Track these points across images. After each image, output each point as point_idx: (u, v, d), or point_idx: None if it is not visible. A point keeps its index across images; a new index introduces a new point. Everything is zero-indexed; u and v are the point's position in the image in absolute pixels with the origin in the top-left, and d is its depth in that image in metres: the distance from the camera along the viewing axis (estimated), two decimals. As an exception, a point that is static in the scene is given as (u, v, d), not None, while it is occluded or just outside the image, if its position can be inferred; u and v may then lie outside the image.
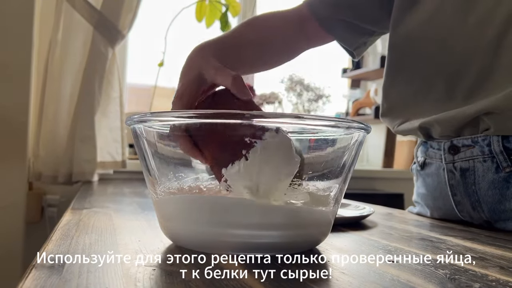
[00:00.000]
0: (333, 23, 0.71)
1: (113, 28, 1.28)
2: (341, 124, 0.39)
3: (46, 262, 0.33)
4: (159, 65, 1.53)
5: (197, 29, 1.59)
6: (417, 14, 0.65)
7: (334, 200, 0.42)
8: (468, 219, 0.65)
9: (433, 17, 0.64)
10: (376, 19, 0.72)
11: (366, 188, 1.88)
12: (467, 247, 0.46)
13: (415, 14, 0.66)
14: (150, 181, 0.43)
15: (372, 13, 0.71)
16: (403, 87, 0.69)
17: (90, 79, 1.26)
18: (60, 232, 0.46)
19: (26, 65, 1.22)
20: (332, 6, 0.70)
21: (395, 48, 0.70)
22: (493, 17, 0.58)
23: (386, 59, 0.72)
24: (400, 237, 0.51)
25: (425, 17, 0.65)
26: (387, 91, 0.72)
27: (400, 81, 0.69)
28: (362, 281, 0.32)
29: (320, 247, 0.43)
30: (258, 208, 0.37)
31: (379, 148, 2.09)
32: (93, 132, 1.25)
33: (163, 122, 0.40)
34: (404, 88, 0.69)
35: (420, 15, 0.65)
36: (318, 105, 2.13)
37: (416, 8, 0.66)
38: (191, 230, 0.39)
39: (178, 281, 0.30)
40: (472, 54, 0.60)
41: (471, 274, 0.34)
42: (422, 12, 0.65)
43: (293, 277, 0.32)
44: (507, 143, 0.58)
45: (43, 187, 1.36)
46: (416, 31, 0.66)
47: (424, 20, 0.65)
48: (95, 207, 0.68)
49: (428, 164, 0.69)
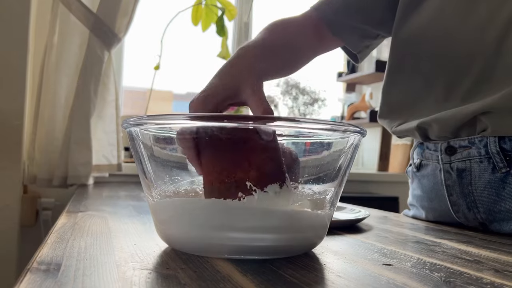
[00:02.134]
0: (341, 27, 0.71)
1: (109, 31, 1.28)
2: (337, 128, 0.39)
3: (41, 265, 0.33)
4: (155, 68, 1.53)
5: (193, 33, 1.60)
6: (420, 16, 0.66)
7: (330, 203, 0.42)
8: (463, 220, 0.65)
9: (435, 19, 0.65)
10: (382, 21, 0.72)
11: (361, 191, 1.88)
12: (462, 250, 0.47)
13: (417, 15, 0.66)
14: (146, 184, 0.42)
15: (381, 15, 0.72)
16: (403, 87, 0.70)
17: (86, 82, 1.26)
18: (56, 235, 0.45)
19: (22, 67, 1.22)
20: (341, 11, 0.70)
21: (397, 49, 0.71)
22: (494, 19, 0.59)
23: (388, 60, 0.73)
24: (396, 240, 0.51)
25: (427, 19, 0.65)
26: (387, 92, 0.72)
27: (401, 82, 0.70)
28: (357, 284, 0.32)
29: (316, 250, 0.43)
30: (254, 211, 0.37)
31: (374, 151, 2.10)
32: (89, 135, 1.25)
33: (159, 125, 0.40)
34: (404, 89, 0.69)
35: (423, 17, 0.66)
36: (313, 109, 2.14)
37: (418, 10, 0.66)
38: (187, 233, 0.39)
39: (174, 285, 0.30)
40: (472, 56, 0.60)
41: (466, 277, 0.35)
42: (424, 14, 0.66)
43: (289, 280, 0.32)
44: (503, 144, 0.58)
45: (38, 190, 1.35)
46: (418, 33, 0.67)
47: (426, 22, 0.66)
48: (90, 210, 0.68)
49: (424, 165, 0.70)
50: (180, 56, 1.82)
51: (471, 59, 0.60)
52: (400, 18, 0.69)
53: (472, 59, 0.60)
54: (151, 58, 1.56)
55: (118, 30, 1.30)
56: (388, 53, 0.73)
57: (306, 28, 0.69)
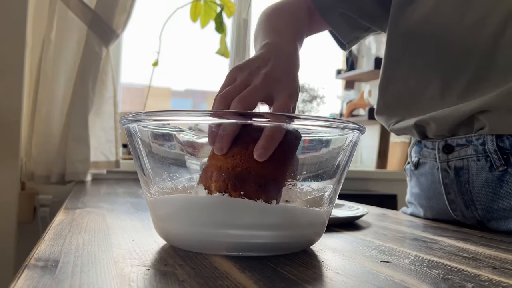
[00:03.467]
0: (332, 14, 0.72)
1: (107, 27, 1.27)
2: (335, 125, 0.39)
3: (38, 262, 0.33)
4: (153, 65, 1.53)
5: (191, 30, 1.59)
6: (416, 12, 0.66)
7: (328, 200, 0.42)
8: (461, 218, 0.65)
9: (431, 15, 0.65)
10: (374, 16, 0.73)
11: (359, 189, 1.89)
12: (460, 247, 0.47)
13: (413, 12, 0.66)
14: (144, 181, 0.42)
15: (371, 8, 0.72)
16: (399, 84, 0.69)
17: (84, 78, 1.25)
18: (53, 232, 0.45)
19: (19, 64, 1.21)
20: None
21: (393, 45, 0.71)
22: (490, 16, 0.59)
23: (383, 56, 0.73)
24: (394, 238, 0.51)
25: (423, 15, 0.65)
26: (383, 88, 0.72)
27: (397, 78, 0.70)
28: (356, 281, 0.32)
29: (314, 247, 0.43)
30: (252, 208, 0.37)
31: (373, 149, 2.10)
32: (87, 132, 1.25)
33: (157, 122, 0.40)
34: (401, 85, 0.69)
35: (419, 13, 0.66)
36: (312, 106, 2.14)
37: (414, 6, 0.66)
38: (185, 230, 0.39)
39: (172, 281, 0.30)
40: (469, 53, 0.60)
41: (464, 274, 0.35)
42: (421, 10, 0.65)
43: (287, 277, 0.32)
44: (501, 143, 0.58)
45: (36, 187, 1.35)
46: (414, 29, 0.67)
47: (422, 18, 0.65)
48: (88, 207, 0.68)
49: (422, 163, 0.70)
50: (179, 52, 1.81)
51: (468, 56, 0.60)
52: (395, 14, 0.69)
53: (468, 56, 0.60)
54: (150, 55, 1.55)
55: (116, 26, 1.29)
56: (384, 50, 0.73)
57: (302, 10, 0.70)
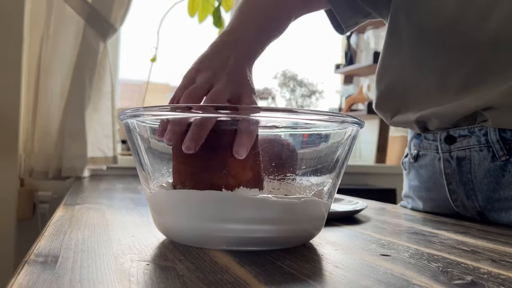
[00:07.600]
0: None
1: (105, 21, 1.27)
2: (334, 119, 0.39)
3: (38, 257, 0.33)
4: (152, 60, 1.52)
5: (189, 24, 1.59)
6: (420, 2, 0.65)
7: (327, 194, 0.42)
8: (461, 209, 0.65)
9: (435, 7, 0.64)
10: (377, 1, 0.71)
11: (359, 183, 1.89)
12: (459, 240, 0.47)
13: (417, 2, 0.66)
14: (144, 176, 0.42)
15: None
16: (395, 72, 0.69)
17: (81, 73, 1.25)
18: (53, 228, 0.45)
19: (17, 60, 1.21)
20: None
21: (393, 34, 0.70)
22: (493, 11, 0.58)
23: (383, 45, 0.72)
24: (393, 231, 0.51)
25: (427, 6, 0.65)
26: (379, 75, 0.71)
27: (393, 67, 0.69)
28: (356, 274, 0.32)
29: (314, 241, 0.43)
30: (252, 202, 0.37)
31: (372, 143, 2.10)
32: (84, 128, 1.24)
33: (156, 117, 0.40)
34: (396, 74, 0.69)
35: (423, 3, 0.65)
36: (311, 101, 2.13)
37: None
38: (185, 225, 0.39)
39: (171, 276, 0.30)
40: (469, 47, 0.60)
41: (463, 267, 0.35)
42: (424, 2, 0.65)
43: (287, 271, 0.32)
44: (503, 133, 0.58)
45: (35, 184, 1.35)
46: (416, 19, 0.66)
47: (425, 9, 0.65)
48: (87, 203, 0.68)
49: (422, 155, 0.70)
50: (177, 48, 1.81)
51: (468, 51, 0.60)
52: (399, 3, 0.68)
53: (469, 50, 0.60)
54: (148, 51, 1.55)
55: (114, 20, 1.28)
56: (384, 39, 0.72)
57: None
